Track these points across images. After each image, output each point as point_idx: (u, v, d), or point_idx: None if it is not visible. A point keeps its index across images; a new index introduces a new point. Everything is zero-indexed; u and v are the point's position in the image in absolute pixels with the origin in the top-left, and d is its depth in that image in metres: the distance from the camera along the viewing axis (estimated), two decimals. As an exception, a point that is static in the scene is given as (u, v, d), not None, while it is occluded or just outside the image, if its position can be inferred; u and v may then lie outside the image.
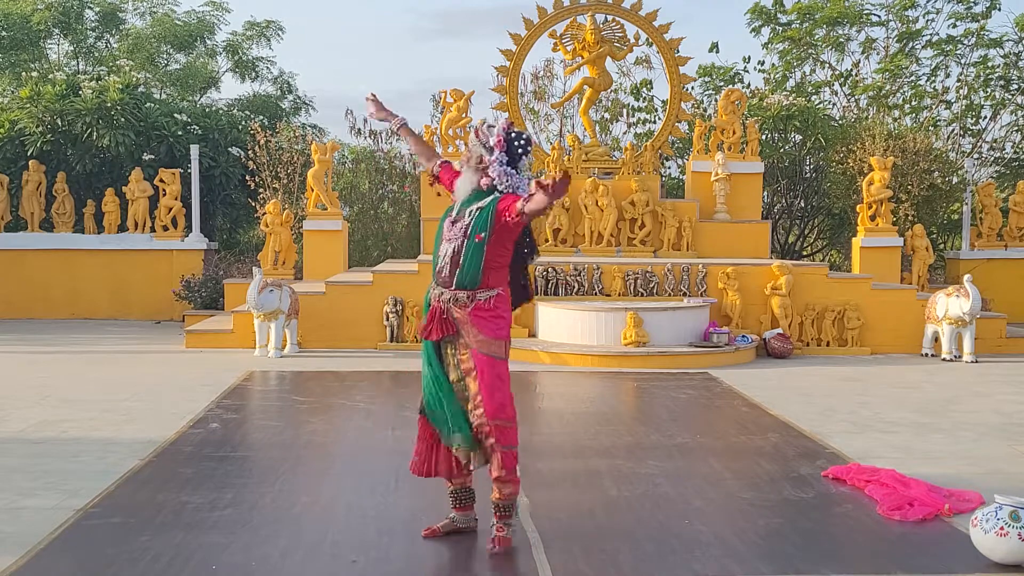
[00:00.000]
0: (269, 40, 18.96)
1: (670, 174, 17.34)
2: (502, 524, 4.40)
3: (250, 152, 14.65)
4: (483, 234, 4.28)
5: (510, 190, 4.36)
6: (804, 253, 17.71)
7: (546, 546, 4.36)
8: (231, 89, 53.66)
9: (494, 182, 4.38)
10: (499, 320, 4.36)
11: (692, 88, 15.68)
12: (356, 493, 5.24)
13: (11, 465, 5.72)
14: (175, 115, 15.31)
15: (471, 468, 4.47)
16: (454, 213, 4.42)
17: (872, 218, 13.28)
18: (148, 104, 15.43)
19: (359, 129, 17.77)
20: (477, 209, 4.33)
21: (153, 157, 14.89)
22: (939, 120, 18.01)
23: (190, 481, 5.41)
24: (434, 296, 4.42)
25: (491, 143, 4.40)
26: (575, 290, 11.34)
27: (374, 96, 4.84)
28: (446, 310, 4.36)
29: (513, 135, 4.42)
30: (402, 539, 4.48)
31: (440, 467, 4.48)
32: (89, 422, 6.95)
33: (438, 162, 4.75)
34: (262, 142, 14.46)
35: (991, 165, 18.06)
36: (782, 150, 16.23)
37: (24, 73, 16.50)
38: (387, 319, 11.08)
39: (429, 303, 4.46)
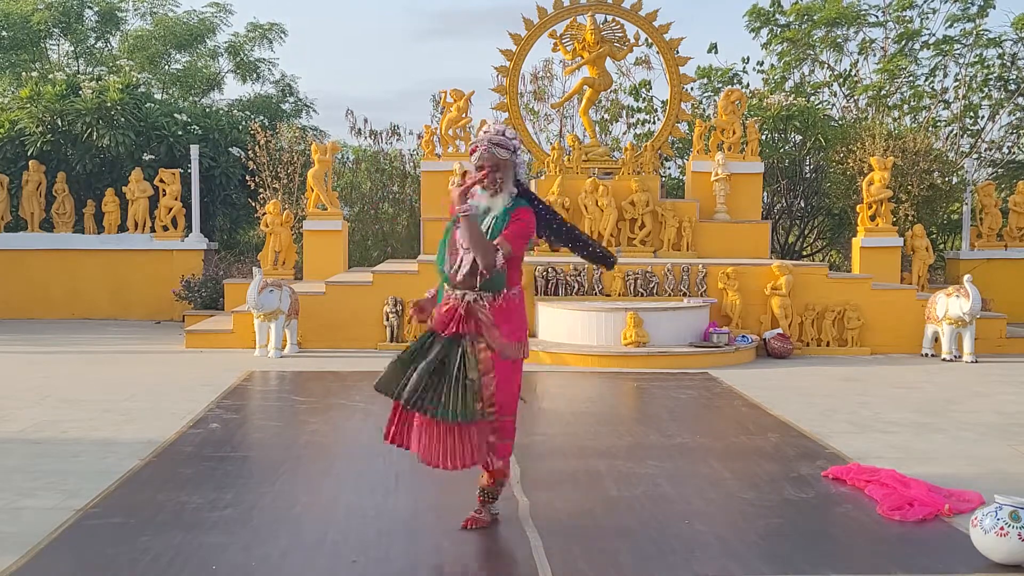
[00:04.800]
0: (271, 42, 18.97)
1: (670, 174, 17.36)
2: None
3: (250, 152, 14.65)
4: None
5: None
6: (804, 253, 17.71)
7: (546, 546, 4.36)
8: (233, 90, 53.75)
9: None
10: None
11: (691, 89, 15.68)
12: (356, 493, 5.24)
13: (11, 465, 5.72)
14: (175, 115, 15.31)
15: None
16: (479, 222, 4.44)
17: (872, 218, 13.27)
18: (148, 104, 15.42)
19: (359, 129, 17.80)
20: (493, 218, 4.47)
21: (153, 157, 14.89)
22: (939, 120, 18.03)
23: (190, 481, 5.40)
24: (455, 296, 4.47)
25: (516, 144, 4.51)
26: (575, 290, 11.33)
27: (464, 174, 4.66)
28: (470, 309, 4.41)
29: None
30: (402, 539, 4.48)
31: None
32: (89, 422, 6.95)
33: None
34: (262, 142, 14.46)
35: (990, 165, 18.07)
36: (782, 150, 16.23)
37: (24, 73, 16.52)
38: (387, 319, 11.08)
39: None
